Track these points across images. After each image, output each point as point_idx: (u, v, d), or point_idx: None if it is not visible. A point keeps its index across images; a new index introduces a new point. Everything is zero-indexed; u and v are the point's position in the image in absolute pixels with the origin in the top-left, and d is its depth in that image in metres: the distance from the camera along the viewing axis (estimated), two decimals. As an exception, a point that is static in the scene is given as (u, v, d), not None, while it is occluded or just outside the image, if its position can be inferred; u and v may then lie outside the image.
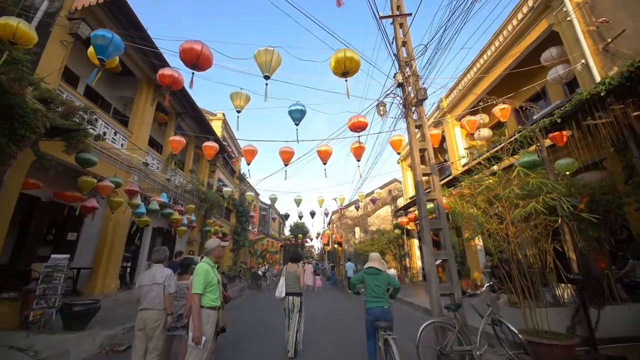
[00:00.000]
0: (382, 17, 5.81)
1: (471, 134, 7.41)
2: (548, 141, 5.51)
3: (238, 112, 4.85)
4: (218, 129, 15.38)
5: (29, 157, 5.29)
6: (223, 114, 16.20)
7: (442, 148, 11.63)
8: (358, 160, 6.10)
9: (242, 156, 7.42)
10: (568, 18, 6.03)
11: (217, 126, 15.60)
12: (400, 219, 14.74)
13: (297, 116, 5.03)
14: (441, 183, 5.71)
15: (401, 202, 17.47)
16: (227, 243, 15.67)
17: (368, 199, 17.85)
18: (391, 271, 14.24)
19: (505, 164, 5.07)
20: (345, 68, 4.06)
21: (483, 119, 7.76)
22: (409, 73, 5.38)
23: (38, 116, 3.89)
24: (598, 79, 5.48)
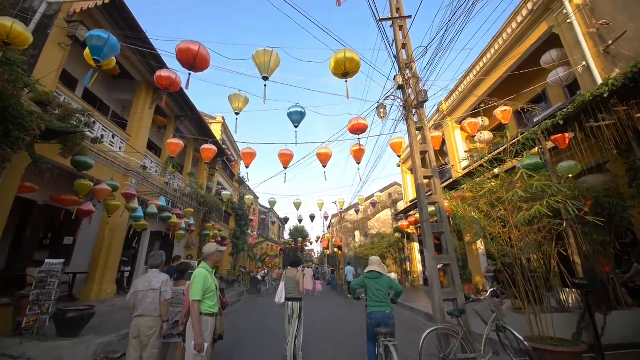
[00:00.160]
0: (382, 20, 5.78)
1: (472, 137, 7.36)
2: (550, 143, 5.46)
3: (237, 114, 4.79)
4: (217, 133, 15.34)
5: (25, 160, 5.22)
6: (222, 118, 16.17)
7: (443, 151, 11.58)
8: (358, 163, 6.04)
9: (242, 159, 7.36)
10: (568, 20, 6.01)
11: (217, 129, 15.57)
12: (400, 223, 14.66)
13: (297, 118, 4.97)
14: (442, 186, 5.64)
15: (401, 206, 17.38)
16: (225, 248, 15.53)
17: (368, 203, 17.77)
18: (392, 275, 14.09)
19: (506, 167, 5.00)
20: (345, 69, 4.01)
21: (484, 122, 7.72)
22: (409, 75, 5.34)
23: (33, 118, 3.83)
24: (599, 81, 5.45)
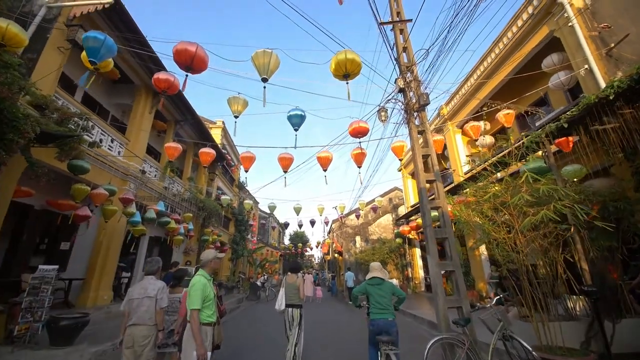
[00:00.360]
0: (382, 23, 5.76)
1: (474, 140, 7.29)
2: (554, 147, 5.38)
3: (235, 117, 4.73)
4: (217, 137, 15.31)
5: (21, 164, 5.15)
6: (222, 122, 16.16)
7: (444, 155, 11.51)
8: (359, 166, 5.96)
9: (241, 164, 7.29)
10: (570, 24, 5.98)
11: (217, 134, 15.54)
12: (401, 228, 14.50)
13: (297, 121, 4.90)
14: (444, 190, 5.55)
15: (402, 211, 17.25)
16: (224, 254, 15.37)
17: (369, 208, 17.64)
18: (393, 281, 13.89)
19: (510, 171, 4.91)
20: (346, 70, 3.95)
21: (486, 126, 7.65)
22: (411, 78, 5.29)
23: (28, 121, 3.76)
24: (602, 84, 5.39)
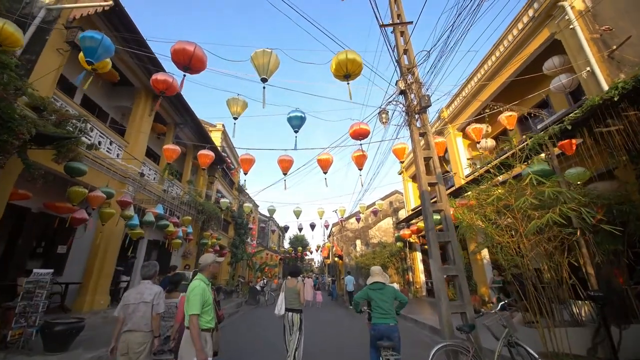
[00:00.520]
0: (383, 25, 5.73)
1: (477, 142, 7.23)
2: (556, 150, 5.32)
3: (235, 119, 4.68)
4: (217, 140, 15.27)
5: (18, 166, 5.08)
6: (222, 125, 16.14)
7: (444, 159, 11.46)
8: (360, 169, 5.89)
9: (240, 167, 7.22)
10: (571, 26, 5.96)
11: (217, 137, 15.50)
12: (402, 232, 14.39)
13: (297, 123, 4.85)
14: (446, 193, 5.47)
15: (403, 214, 17.15)
16: (223, 259, 15.25)
17: (369, 211, 17.55)
18: (394, 285, 13.74)
19: (513, 173, 4.84)
20: (347, 70, 3.91)
21: (487, 129, 7.61)
22: (412, 80, 5.25)
23: (24, 123, 3.70)
24: (605, 87, 5.35)
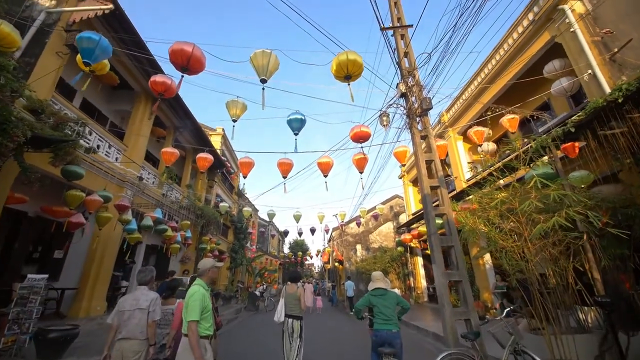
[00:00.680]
0: (383, 29, 5.73)
1: (479, 145, 7.18)
2: (559, 153, 5.27)
3: (234, 122, 4.63)
4: (217, 144, 15.25)
5: (14, 170, 5.01)
6: (222, 130, 16.13)
7: (445, 162, 11.41)
8: (361, 172, 5.83)
9: (240, 170, 7.14)
10: (572, 29, 5.95)
11: (217, 141, 15.48)
12: (403, 236, 14.27)
13: (297, 125, 4.81)
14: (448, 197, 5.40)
15: (403, 219, 17.04)
16: (222, 264, 15.07)
17: (370, 215, 17.44)
18: (395, 291, 13.58)
19: (517, 176, 4.77)
20: (347, 71, 3.86)
21: (488, 132, 7.56)
22: (412, 83, 5.22)
23: (20, 125, 3.65)
24: (607, 89, 5.32)
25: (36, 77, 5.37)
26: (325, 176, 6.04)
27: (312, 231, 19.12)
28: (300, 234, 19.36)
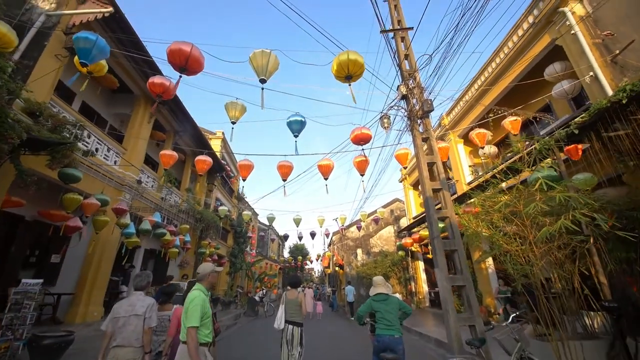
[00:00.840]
0: (383, 31, 5.71)
1: (481, 147, 7.13)
2: (562, 155, 5.21)
3: (233, 124, 4.58)
4: (217, 148, 15.22)
5: (11, 173, 4.95)
6: (222, 133, 16.12)
7: (445, 165, 11.35)
8: (362, 174, 5.77)
9: (239, 173, 7.06)
10: (572, 32, 5.94)
11: (217, 145, 15.46)
12: (404, 240, 14.16)
13: (297, 127, 4.76)
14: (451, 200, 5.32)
15: (404, 222, 16.94)
16: (222, 268, 14.94)
17: (370, 219, 17.34)
18: (397, 296, 13.41)
19: (520, 178, 4.70)
20: (348, 72, 3.82)
21: (490, 136, 7.52)
22: (413, 85, 5.18)
23: (16, 126, 3.59)
24: (609, 91, 5.28)
25: (35, 80, 5.34)
26: (325, 179, 5.98)
27: (312, 235, 19.00)
28: (300, 238, 19.23)
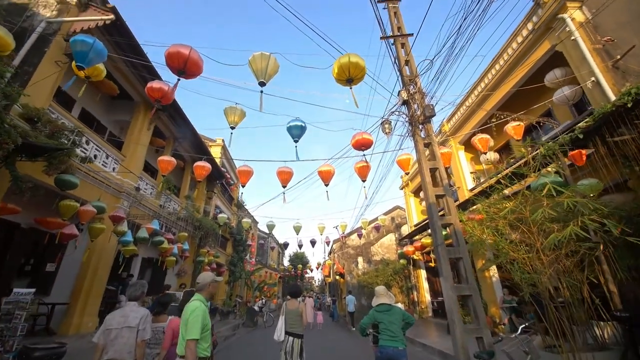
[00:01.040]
0: (383, 38, 5.72)
1: (484, 153, 7.05)
2: (566, 160, 5.13)
3: (232, 129, 4.53)
4: (217, 155, 15.19)
5: (7, 179, 4.87)
6: (222, 140, 16.11)
7: (447, 172, 11.27)
8: (363, 180, 5.68)
9: (239, 181, 6.95)
10: (572, 37, 5.94)
11: (216, 152, 15.43)
12: (405, 248, 13.96)
13: (297, 132, 4.70)
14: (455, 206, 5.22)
15: (405, 230, 16.75)
16: (222, 278, 14.72)
17: (371, 227, 17.17)
18: (399, 305, 13.13)
19: (524, 185, 4.61)
20: (349, 75, 3.77)
21: (491, 142, 7.46)
22: (414, 90, 5.14)
23: (11, 131, 3.53)
24: (611, 96, 5.24)
25: (35, 86, 5.31)
26: (326, 185, 5.89)
27: (313, 243, 18.80)
28: (300, 246, 19.02)
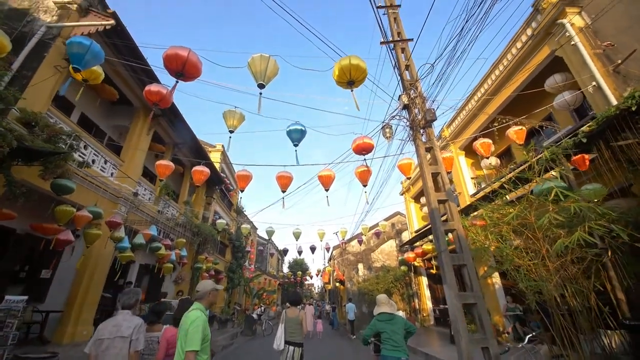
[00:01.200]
0: (383, 43, 5.71)
1: (486, 157, 7.00)
2: (569, 165, 5.07)
3: (231, 132, 4.48)
4: (216, 161, 15.14)
5: (1, 184, 4.80)
6: (222, 146, 16.08)
7: (449, 177, 11.22)
8: (364, 185, 5.60)
9: (238, 186, 6.87)
10: (572, 43, 5.95)
11: (216, 158, 15.39)
12: (406, 255, 13.79)
13: (297, 136, 4.65)
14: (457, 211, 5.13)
15: (406, 236, 16.60)
16: (222, 287, 14.54)
17: (372, 233, 17.02)
18: (400, 313, 12.90)
19: (528, 190, 4.53)
20: (350, 77, 3.73)
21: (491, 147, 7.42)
22: (415, 94, 5.11)
23: (7, 135, 3.47)
24: (613, 100, 5.22)
25: (33, 90, 5.28)
26: (326, 190, 5.81)
27: (312, 249, 18.64)
28: (300, 253, 18.84)
